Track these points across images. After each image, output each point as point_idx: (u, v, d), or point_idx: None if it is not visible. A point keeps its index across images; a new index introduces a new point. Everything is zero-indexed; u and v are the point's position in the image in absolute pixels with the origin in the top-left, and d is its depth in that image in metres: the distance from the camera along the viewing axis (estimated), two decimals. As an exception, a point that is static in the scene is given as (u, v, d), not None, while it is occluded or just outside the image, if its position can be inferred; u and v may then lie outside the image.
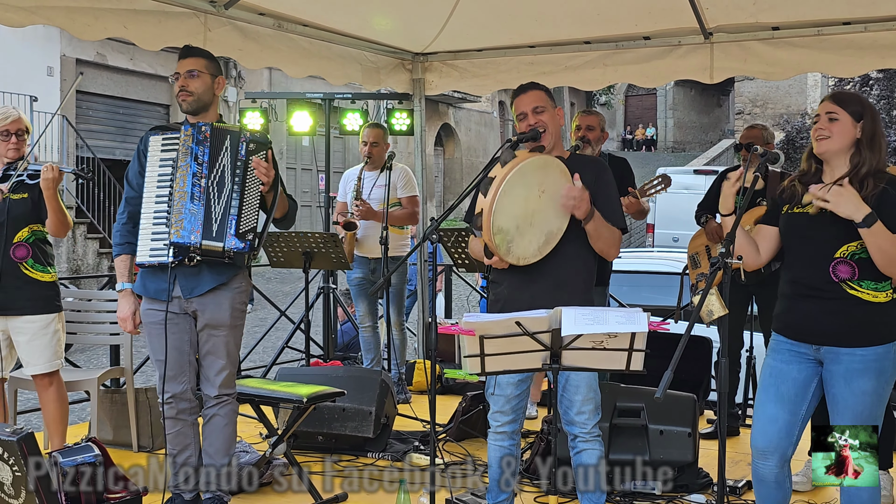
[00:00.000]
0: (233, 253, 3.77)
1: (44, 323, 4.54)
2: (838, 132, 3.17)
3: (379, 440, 5.13)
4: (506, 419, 3.64)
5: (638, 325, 2.97)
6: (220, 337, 3.89)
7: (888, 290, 3.14)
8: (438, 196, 27.75)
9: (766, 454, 3.28)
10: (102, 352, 8.49)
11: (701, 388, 5.75)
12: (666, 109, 38.61)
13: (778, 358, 3.30)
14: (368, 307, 6.55)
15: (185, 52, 3.97)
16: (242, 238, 3.74)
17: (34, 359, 4.54)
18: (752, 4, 5.31)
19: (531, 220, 3.44)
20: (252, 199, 3.79)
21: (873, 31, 5.30)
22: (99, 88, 16.99)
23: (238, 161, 3.78)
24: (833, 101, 3.21)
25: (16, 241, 4.49)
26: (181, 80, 3.88)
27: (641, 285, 8.09)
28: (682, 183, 18.12)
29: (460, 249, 5.96)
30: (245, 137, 3.82)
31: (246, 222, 3.75)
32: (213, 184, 3.78)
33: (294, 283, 16.63)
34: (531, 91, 3.67)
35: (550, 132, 3.63)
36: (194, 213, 3.77)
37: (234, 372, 4.01)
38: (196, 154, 3.81)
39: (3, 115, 4.57)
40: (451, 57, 6.73)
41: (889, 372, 3.17)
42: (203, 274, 3.83)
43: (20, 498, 3.60)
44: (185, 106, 3.89)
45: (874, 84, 23.88)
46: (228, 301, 3.86)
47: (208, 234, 3.75)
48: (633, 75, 6.19)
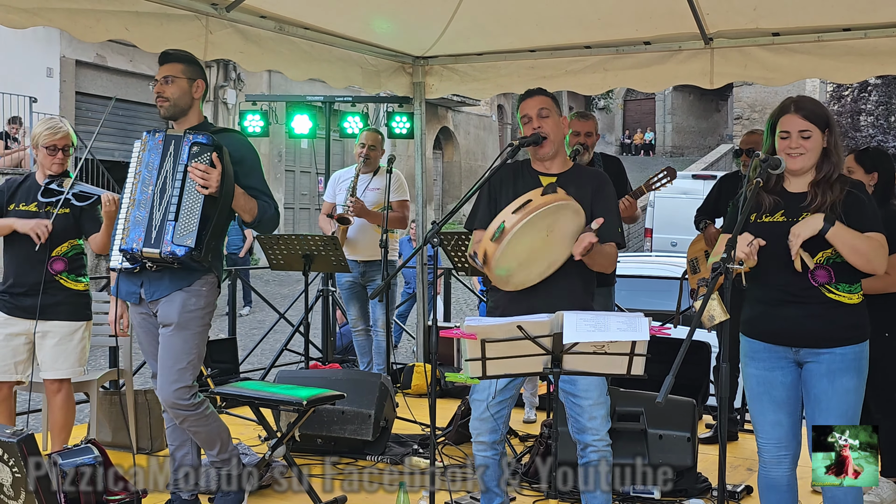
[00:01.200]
0: (172, 258, 3.70)
1: (72, 329, 4.60)
2: (812, 148, 3.23)
3: (378, 443, 5.13)
4: (485, 427, 3.58)
5: (639, 333, 2.98)
6: (169, 336, 3.84)
7: (859, 292, 3.28)
8: (437, 199, 27.76)
9: (779, 459, 3.32)
10: (101, 353, 8.48)
11: (699, 392, 5.76)
12: (664, 114, 38.63)
13: (760, 366, 3.35)
14: (360, 310, 6.57)
15: (162, 59, 3.96)
16: (181, 243, 3.68)
17: (58, 363, 4.57)
18: (752, 10, 5.33)
19: (535, 256, 3.43)
20: (192, 203, 3.71)
21: (873, 37, 5.31)
22: (98, 90, 17.00)
23: (179, 165, 3.75)
24: (802, 117, 3.22)
25: (54, 255, 4.55)
26: (157, 86, 3.90)
27: (640, 290, 8.09)
28: (680, 187, 18.11)
29: (460, 253, 5.97)
30: (188, 141, 3.76)
31: (184, 227, 3.69)
32: (156, 191, 3.77)
33: (292, 286, 16.62)
34: (538, 95, 3.68)
35: (552, 140, 3.62)
36: (139, 220, 3.78)
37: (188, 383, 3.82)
38: (147, 161, 3.83)
39: (51, 130, 4.58)
40: (452, 61, 6.74)
41: (865, 370, 3.27)
42: (164, 278, 3.84)
43: (20, 499, 3.60)
44: (162, 112, 3.92)
45: (872, 90, 23.93)
46: (180, 301, 3.82)
47: (148, 240, 3.74)
48: (633, 80, 6.20)
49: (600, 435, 3.51)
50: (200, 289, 3.85)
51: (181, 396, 3.81)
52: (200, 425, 3.88)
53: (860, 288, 3.28)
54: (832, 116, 3.31)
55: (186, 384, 3.82)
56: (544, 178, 3.65)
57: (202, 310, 3.87)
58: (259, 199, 3.91)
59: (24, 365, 4.63)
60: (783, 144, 3.24)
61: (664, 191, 5.63)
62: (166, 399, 3.83)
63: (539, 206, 3.30)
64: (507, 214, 3.32)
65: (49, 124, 4.63)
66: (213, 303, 3.94)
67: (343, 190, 6.41)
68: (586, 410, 3.51)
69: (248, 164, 3.92)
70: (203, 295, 3.86)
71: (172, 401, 3.82)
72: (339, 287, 6.64)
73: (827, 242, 3.16)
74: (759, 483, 3.42)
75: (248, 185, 3.89)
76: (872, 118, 23.62)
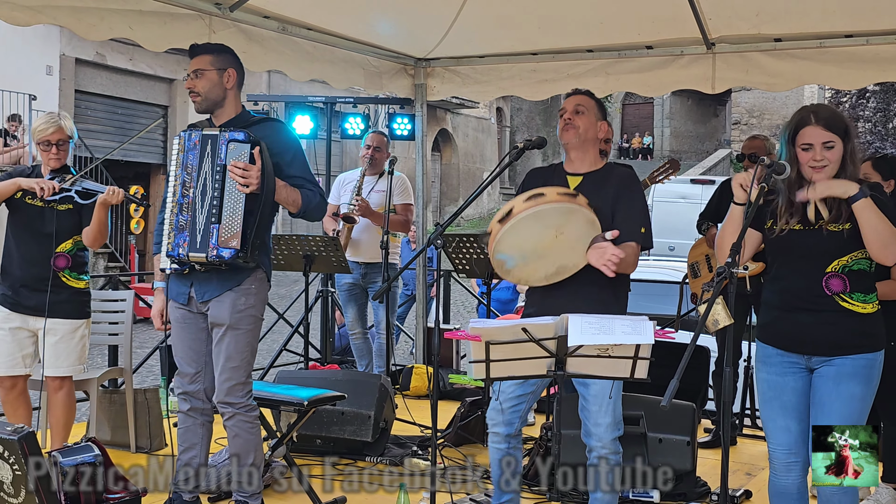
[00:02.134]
0: (219, 261, 3.67)
1: (73, 327, 4.58)
2: (835, 158, 3.20)
3: (377, 444, 5.13)
4: (500, 419, 3.65)
5: (644, 337, 2.98)
6: (221, 337, 3.81)
7: (874, 302, 3.25)
8: (435, 202, 27.77)
9: (789, 465, 3.31)
10: (100, 352, 8.47)
11: (699, 396, 5.76)
12: (663, 118, 38.62)
13: (772, 371, 3.35)
14: (358, 313, 6.56)
15: (190, 52, 3.89)
16: (226, 245, 3.64)
17: (59, 360, 4.56)
18: (754, 16, 5.34)
19: (541, 254, 3.47)
20: (234, 203, 3.65)
21: (875, 44, 5.33)
22: (98, 88, 17.00)
23: (217, 166, 3.68)
24: (824, 128, 3.18)
25: (58, 251, 4.53)
26: (188, 81, 3.84)
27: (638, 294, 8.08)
28: (678, 192, 18.16)
29: (461, 255, 5.97)
30: (224, 140, 3.68)
31: (228, 229, 3.64)
32: (197, 193, 3.71)
33: (290, 286, 16.62)
34: (581, 94, 3.75)
35: (580, 132, 3.66)
36: (182, 225, 3.73)
37: (242, 380, 3.83)
38: (185, 163, 3.76)
39: (44, 125, 4.54)
40: (454, 63, 6.74)
41: (875, 380, 3.25)
42: (213, 279, 3.79)
43: (20, 497, 3.59)
44: (195, 107, 3.85)
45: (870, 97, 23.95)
46: (230, 300, 3.78)
47: (193, 245, 3.69)
48: (634, 84, 6.21)
49: (603, 442, 3.57)
50: (250, 287, 3.80)
51: (234, 393, 3.80)
52: (245, 430, 3.85)
53: (875, 298, 3.25)
54: (850, 123, 3.27)
55: (240, 381, 3.81)
56: (572, 178, 3.70)
57: (253, 307, 3.83)
58: (304, 187, 3.84)
59: (31, 359, 4.62)
60: (806, 157, 3.20)
61: (662, 195, 5.68)
62: (220, 395, 3.82)
63: (551, 202, 3.34)
64: (518, 200, 3.38)
65: (42, 119, 4.58)
66: (264, 299, 3.90)
67: (348, 192, 6.40)
68: (593, 415, 3.58)
69: (290, 153, 3.84)
70: (253, 293, 3.82)
71: (226, 399, 3.80)
72: (338, 289, 6.63)
73: (848, 248, 3.16)
74: (769, 489, 3.40)
75: (291, 174, 3.82)
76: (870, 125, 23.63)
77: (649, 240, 3.64)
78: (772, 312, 3.35)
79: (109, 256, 15.93)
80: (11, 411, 4.66)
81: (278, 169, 3.76)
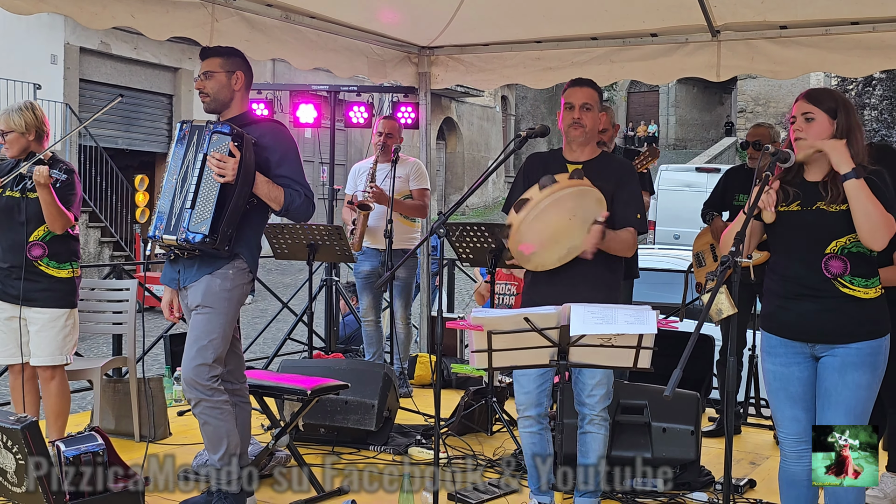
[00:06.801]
0: (188, 245, 3.73)
1: (53, 317, 4.57)
2: (815, 133, 3.19)
3: (381, 433, 5.13)
4: (529, 400, 3.80)
5: (647, 326, 2.98)
6: (193, 317, 3.85)
7: (877, 286, 3.22)
8: (440, 190, 27.74)
9: (799, 454, 3.30)
10: (104, 341, 8.49)
11: (702, 386, 5.75)
12: (668, 107, 38.52)
13: (778, 361, 3.33)
14: (372, 301, 6.55)
15: (202, 54, 4.01)
16: (196, 230, 3.71)
17: (39, 350, 4.56)
18: (760, 3, 5.31)
19: (557, 238, 3.57)
20: (208, 191, 3.74)
21: (881, 31, 5.29)
22: (102, 77, 16.98)
23: (199, 155, 3.79)
24: (808, 101, 3.23)
25: (31, 240, 4.52)
26: (198, 82, 3.96)
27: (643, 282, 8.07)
28: (683, 180, 18.11)
29: (465, 243, 5.96)
30: (209, 131, 3.78)
31: (200, 215, 3.73)
32: (178, 180, 3.83)
33: (294, 275, 16.63)
34: (588, 87, 3.86)
35: (587, 132, 3.82)
36: (163, 209, 3.86)
37: (208, 362, 3.77)
38: (174, 152, 3.90)
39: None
40: (458, 51, 6.72)
41: (881, 366, 3.23)
42: (195, 265, 3.87)
43: (23, 486, 3.61)
44: (204, 107, 3.97)
45: (877, 84, 23.84)
46: (206, 283, 3.83)
47: (168, 228, 3.80)
48: (639, 72, 6.18)
49: (596, 411, 3.81)
50: (227, 272, 3.85)
51: (199, 374, 3.77)
52: (212, 416, 3.82)
53: (878, 282, 3.23)
54: (846, 104, 3.24)
55: (206, 362, 3.78)
56: (571, 165, 3.83)
57: (228, 291, 3.84)
58: (290, 187, 3.89)
59: (28, 347, 4.62)
60: (790, 131, 3.23)
61: (668, 184, 5.66)
62: (185, 376, 3.81)
63: (565, 188, 3.45)
64: (534, 191, 3.47)
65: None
66: (242, 287, 3.89)
67: (363, 181, 6.40)
68: (587, 387, 3.77)
69: (279, 153, 3.91)
70: (229, 277, 3.84)
71: (191, 377, 3.78)
72: (355, 276, 6.62)
73: (846, 229, 3.14)
74: (779, 477, 3.40)
75: (279, 174, 3.89)
76: (876, 112, 23.51)
77: (644, 225, 3.87)
78: (774, 301, 3.34)
79: (115, 245, 15.96)
80: (19, 398, 4.68)
81: (265, 166, 3.85)
